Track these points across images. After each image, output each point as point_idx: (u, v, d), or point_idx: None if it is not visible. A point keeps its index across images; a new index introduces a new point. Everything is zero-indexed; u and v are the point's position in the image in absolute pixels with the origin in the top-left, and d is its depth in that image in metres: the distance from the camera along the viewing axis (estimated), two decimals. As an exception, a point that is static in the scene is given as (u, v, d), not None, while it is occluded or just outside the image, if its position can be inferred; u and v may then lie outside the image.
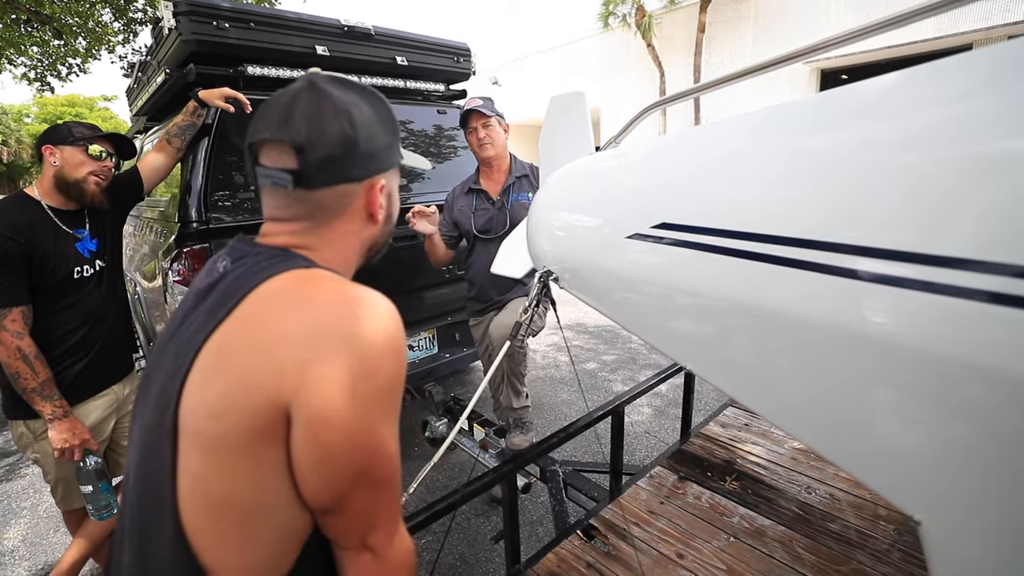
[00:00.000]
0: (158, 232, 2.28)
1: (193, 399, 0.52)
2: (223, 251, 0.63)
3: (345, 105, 0.60)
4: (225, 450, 0.50)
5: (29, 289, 1.42)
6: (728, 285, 0.73)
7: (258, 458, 0.50)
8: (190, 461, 0.51)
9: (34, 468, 2.79)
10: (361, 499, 0.54)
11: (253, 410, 0.49)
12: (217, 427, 0.50)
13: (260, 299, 0.54)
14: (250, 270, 0.57)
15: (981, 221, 0.49)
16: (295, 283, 0.55)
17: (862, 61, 10.23)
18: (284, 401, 0.49)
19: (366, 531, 0.56)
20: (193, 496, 0.51)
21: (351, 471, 0.52)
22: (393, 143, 0.66)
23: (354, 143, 0.60)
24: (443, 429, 2.22)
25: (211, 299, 0.56)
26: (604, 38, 14.10)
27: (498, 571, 1.89)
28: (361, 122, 0.61)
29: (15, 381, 1.40)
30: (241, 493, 0.51)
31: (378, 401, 0.53)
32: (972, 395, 0.50)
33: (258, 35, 2.12)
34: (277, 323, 0.52)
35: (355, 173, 0.62)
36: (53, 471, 1.56)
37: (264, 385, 0.49)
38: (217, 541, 0.52)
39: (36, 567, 2.06)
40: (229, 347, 0.52)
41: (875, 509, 1.50)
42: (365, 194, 0.64)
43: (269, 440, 0.50)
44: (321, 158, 0.59)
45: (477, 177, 2.14)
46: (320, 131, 0.58)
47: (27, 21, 7.31)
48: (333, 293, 0.55)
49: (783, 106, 0.75)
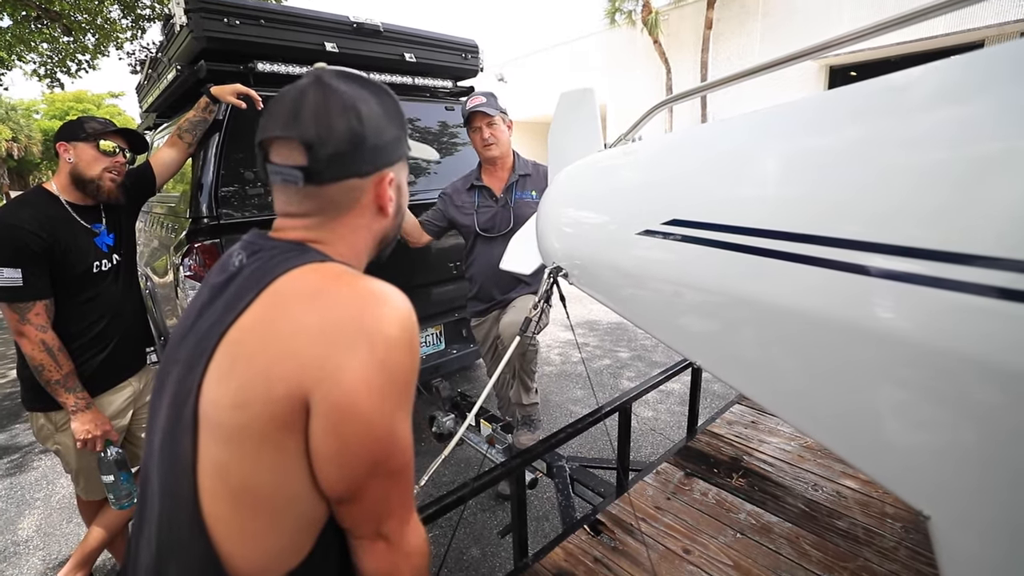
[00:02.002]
0: (169, 228, 2.31)
1: (213, 391, 0.53)
2: (238, 245, 0.64)
3: (352, 100, 0.61)
4: (247, 439, 0.51)
5: (51, 283, 1.44)
6: (738, 281, 0.74)
7: (278, 448, 0.51)
8: (211, 451, 0.53)
9: (47, 460, 2.84)
10: (376, 489, 0.55)
11: (274, 401, 0.50)
12: (238, 418, 0.51)
13: (278, 293, 0.55)
14: (267, 264, 0.58)
15: (992, 217, 0.49)
16: (312, 277, 0.56)
17: (872, 58, 10.14)
18: (304, 392, 0.50)
19: (380, 520, 0.57)
20: (213, 485, 0.53)
21: (368, 461, 0.53)
22: (400, 136, 0.67)
23: (362, 138, 0.61)
24: (450, 424, 2.23)
25: (228, 293, 0.57)
26: (611, 35, 14.04)
27: (505, 565, 1.90)
28: (368, 117, 0.62)
29: (39, 373, 1.42)
30: (261, 482, 0.52)
31: (394, 393, 0.54)
32: (980, 390, 0.51)
33: (268, 31, 2.13)
34: (296, 316, 0.53)
35: (364, 168, 0.62)
36: (74, 462, 1.59)
37: (284, 377, 0.50)
38: (237, 529, 0.53)
39: (50, 556, 2.10)
40: (248, 340, 0.53)
41: (882, 507, 1.50)
42: (374, 188, 0.64)
43: (289, 430, 0.51)
44: (330, 154, 0.59)
45: (479, 174, 2.12)
46: (328, 127, 0.59)
47: (37, 18, 7.37)
48: (350, 287, 0.55)
49: (793, 103, 0.75)
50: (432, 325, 2.62)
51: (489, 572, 1.90)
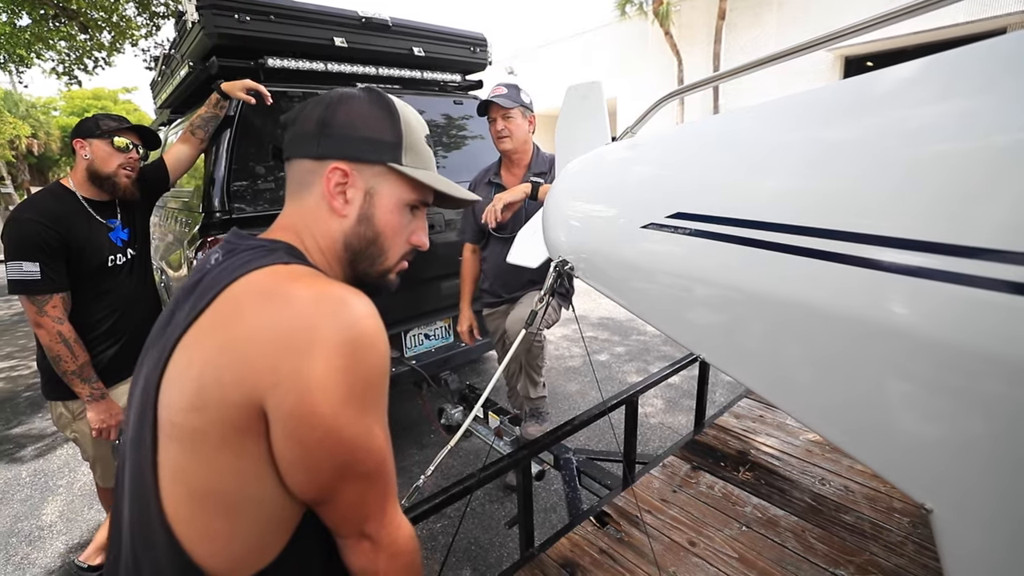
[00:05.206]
0: (183, 222, 2.35)
1: (170, 392, 0.52)
2: (218, 244, 0.64)
3: (344, 98, 0.65)
4: (203, 443, 0.50)
5: (67, 276, 1.48)
6: (743, 274, 0.74)
7: (237, 452, 0.51)
8: (169, 453, 0.52)
9: (69, 448, 2.92)
10: (350, 492, 0.55)
11: (229, 406, 0.49)
12: (195, 421, 0.50)
13: (235, 295, 0.54)
14: (231, 265, 0.57)
15: (997, 210, 0.49)
16: (270, 279, 0.55)
17: (888, 47, 9.90)
18: (258, 398, 0.49)
19: (362, 521, 0.57)
20: (173, 487, 0.52)
21: (334, 465, 0.53)
22: (385, 144, 0.65)
23: (326, 124, 0.63)
24: (458, 417, 2.26)
25: (196, 293, 0.57)
26: (621, 26, 13.88)
27: (511, 556, 1.92)
28: (345, 112, 0.64)
29: (56, 364, 1.47)
30: (222, 485, 0.52)
31: (356, 397, 0.52)
32: (983, 384, 0.50)
33: (278, 27, 2.15)
34: (250, 320, 0.52)
35: (314, 150, 0.63)
36: (91, 450, 1.64)
37: (238, 383, 0.49)
38: (200, 530, 0.52)
39: (72, 541, 2.16)
40: (203, 343, 0.52)
41: (890, 502, 1.49)
42: (326, 178, 0.63)
43: (247, 435, 0.50)
44: (296, 133, 0.65)
45: (498, 169, 2.10)
46: (304, 112, 0.65)
47: (55, 16, 7.49)
48: (308, 290, 0.53)
49: (801, 94, 0.75)
50: (441, 318, 2.64)
51: (496, 561, 1.92)
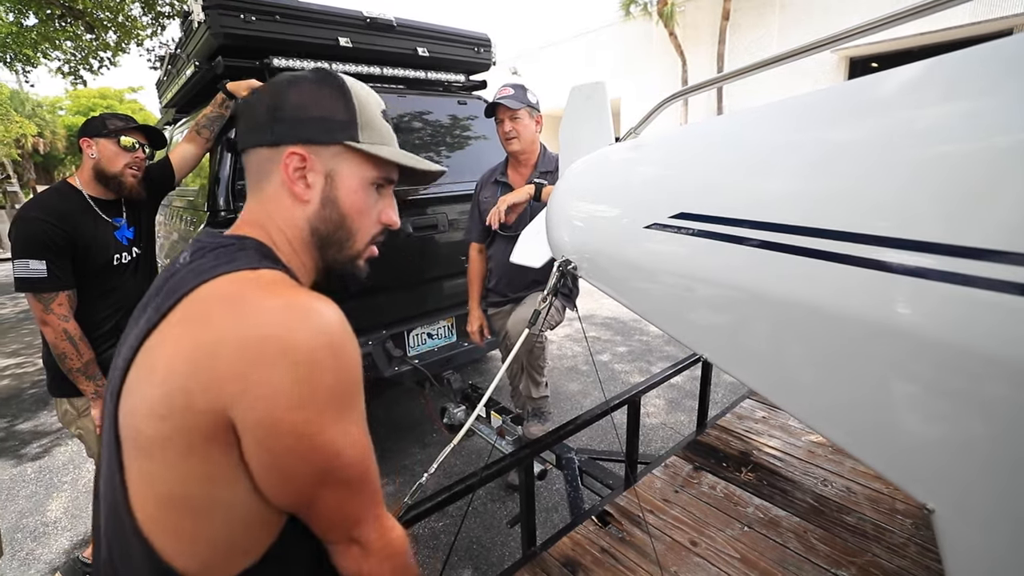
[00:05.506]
0: (188, 221, 2.36)
1: (131, 398, 0.51)
2: (189, 245, 0.63)
3: (292, 81, 0.63)
4: (169, 450, 0.49)
5: (73, 274, 1.49)
6: (746, 275, 0.74)
7: (205, 459, 0.49)
8: (133, 459, 0.51)
9: (73, 445, 2.94)
10: (331, 498, 0.54)
11: (195, 414, 0.48)
12: (160, 428, 0.49)
13: (201, 299, 0.52)
14: (199, 267, 0.55)
15: (1002, 212, 0.49)
16: (236, 286, 0.53)
17: (893, 48, 9.86)
18: (224, 406, 0.48)
19: (348, 527, 0.56)
20: (141, 491, 0.51)
21: (310, 473, 0.52)
22: (338, 120, 0.63)
23: (276, 108, 0.62)
24: (461, 416, 2.26)
25: (162, 294, 0.55)
26: (625, 27, 13.87)
27: (513, 555, 1.93)
28: (295, 95, 0.62)
29: (61, 361, 1.48)
30: (190, 491, 0.50)
31: (328, 404, 0.51)
32: (985, 385, 0.51)
33: (283, 27, 2.16)
34: (215, 328, 0.50)
35: (268, 137, 0.62)
36: (95, 446, 1.65)
37: (203, 391, 0.48)
38: (172, 534, 0.51)
39: (77, 536, 2.18)
40: (168, 348, 0.50)
41: (892, 503, 1.49)
42: (284, 164, 0.62)
43: (215, 442, 0.49)
44: (245, 123, 0.64)
45: (505, 168, 2.11)
46: (254, 100, 0.64)
47: (61, 16, 7.54)
48: (276, 299, 0.52)
49: (805, 95, 0.75)
50: (444, 318, 2.64)
51: (498, 560, 1.93)
